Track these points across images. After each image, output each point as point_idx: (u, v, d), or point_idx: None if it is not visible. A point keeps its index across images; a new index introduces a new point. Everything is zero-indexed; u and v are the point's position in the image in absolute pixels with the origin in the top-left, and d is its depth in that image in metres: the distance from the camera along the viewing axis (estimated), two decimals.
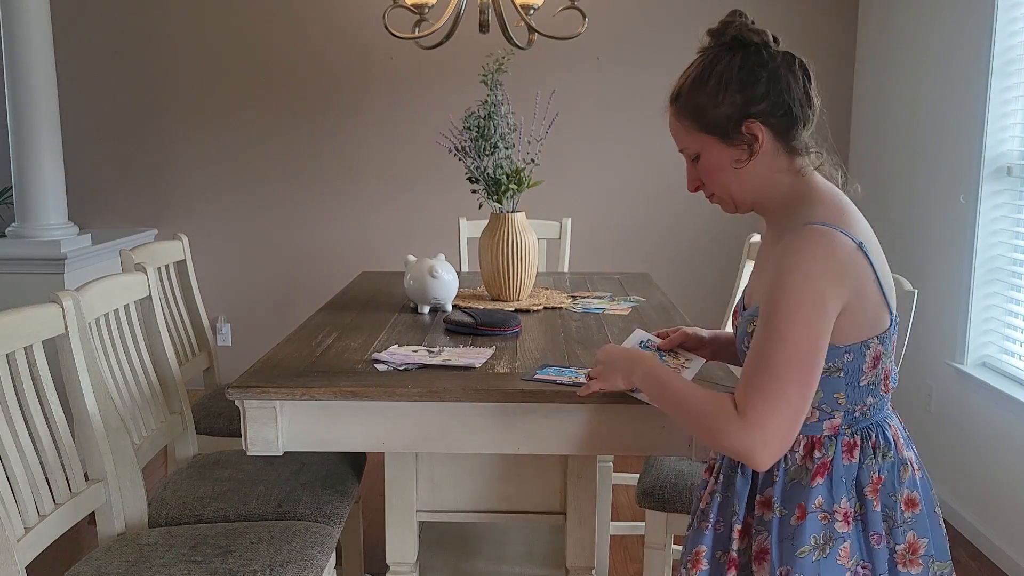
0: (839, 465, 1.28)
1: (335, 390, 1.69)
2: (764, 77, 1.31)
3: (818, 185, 1.35)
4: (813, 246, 1.23)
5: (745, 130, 1.31)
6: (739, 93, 1.31)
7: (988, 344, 3.06)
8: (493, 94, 2.44)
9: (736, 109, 1.31)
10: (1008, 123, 2.96)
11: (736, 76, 1.32)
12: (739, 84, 1.31)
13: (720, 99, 1.32)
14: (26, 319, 1.64)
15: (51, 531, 1.65)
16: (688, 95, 1.36)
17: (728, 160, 1.34)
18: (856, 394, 1.29)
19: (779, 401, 1.20)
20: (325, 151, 4.31)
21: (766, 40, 1.34)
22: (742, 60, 1.33)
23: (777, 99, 1.31)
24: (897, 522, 1.29)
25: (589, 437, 1.71)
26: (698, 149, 1.37)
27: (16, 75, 3.44)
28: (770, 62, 1.32)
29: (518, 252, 2.52)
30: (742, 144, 1.32)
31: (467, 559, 2.47)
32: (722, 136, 1.33)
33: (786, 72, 1.32)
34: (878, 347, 1.28)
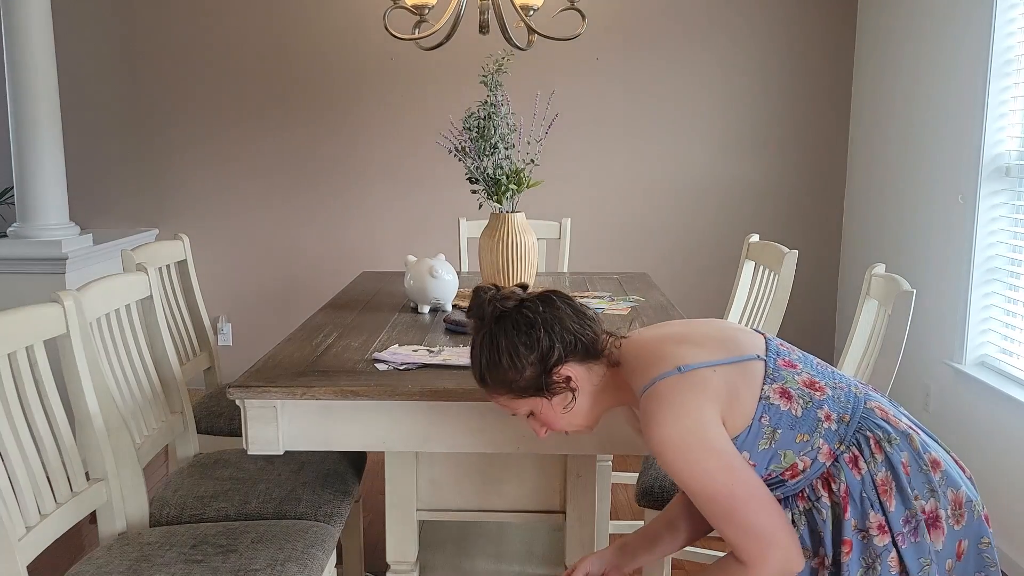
0: (854, 484, 1.33)
1: (335, 390, 1.70)
2: (540, 327, 1.39)
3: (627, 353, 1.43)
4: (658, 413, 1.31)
5: (556, 378, 1.40)
6: (532, 353, 1.39)
7: (986, 344, 3.07)
8: (493, 94, 2.44)
9: (537, 368, 1.39)
10: (1006, 123, 2.96)
11: (519, 343, 1.39)
12: (526, 348, 1.39)
13: (520, 368, 1.39)
14: (27, 319, 1.65)
15: (52, 530, 1.65)
16: (490, 377, 1.43)
17: (558, 406, 1.43)
18: (807, 423, 1.34)
19: (758, 530, 1.29)
20: (325, 151, 4.32)
21: (520, 297, 1.44)
22: (514, 327, 1.40)
23: (564, 337, 1.40)
24: (938, 491, 1.32)
25: (589, 437, 1.72)
26: (527, 409, 1.45)
27: (17, 75, 3.45)
28: (535, 315, 1.40)
29: (518, 252, 2.52)
30: (561, 389, 1.41)
31: (467, 559, 2.48)
32: (540, 393, 1.41)
33: (552, 313, 1.41)
34: (773, 387, 1.35)
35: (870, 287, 2.12)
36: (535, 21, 2.85)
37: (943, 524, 1.33)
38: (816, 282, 4.26)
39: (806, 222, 4.24)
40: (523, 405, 1.44)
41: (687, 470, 1.30)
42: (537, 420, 1.46)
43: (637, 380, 1.38)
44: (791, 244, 3.98)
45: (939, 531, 1.33)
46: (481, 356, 1.43)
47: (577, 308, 1.44)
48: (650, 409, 1.32)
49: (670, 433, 1.29)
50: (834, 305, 4.31)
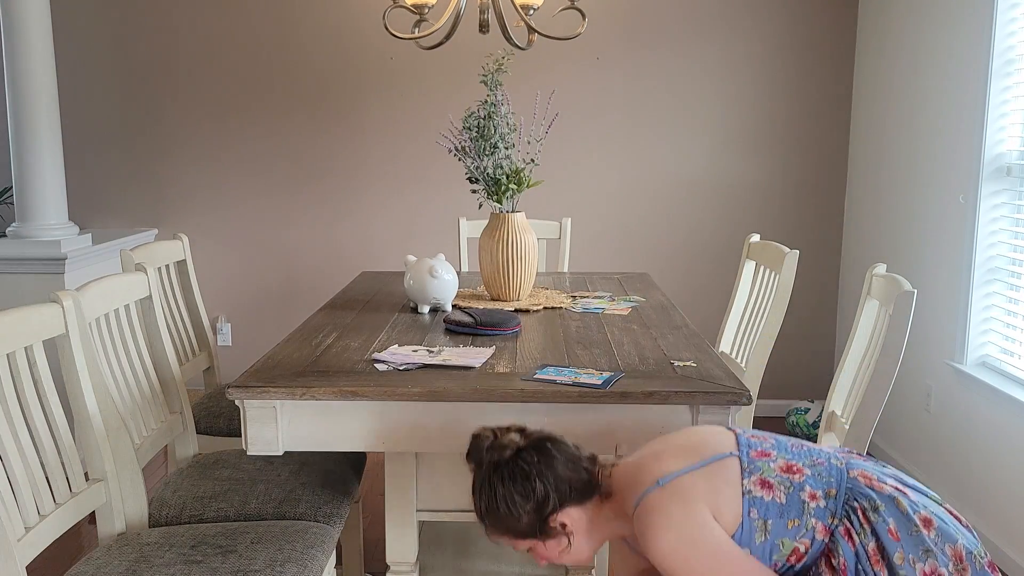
0: (850, 557, 1.36)
1: (335, 390, 1.69)
2: (535, 478, 1.43)
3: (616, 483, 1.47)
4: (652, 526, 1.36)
5: (552, 524, 1.44)
6: (528, 503, 1.43)
7: (987, 344, 3.07)
8: (493, 94, 2.44)
9: (535, 516, 1.43)
10: (1007, 123, 2.96)
11: (516, 493, 1.43)
12: (522, 498, 1.43)
13: (517, 515, 1.43)
14: (26, 319, 1.64)
15: (51, 531, 1.65)
16: (489, 521, 1.48)
17: (557, 547, 1.47)
18: (794, 508, 1.37)
19: None
20: (325, 151, 4.31)
21: (517, 445, 1.46)
22: (511, 477, 1.44)
23: (558, 486, 1.43)
24: (934, 550, 1.34)
25: (589, 437, 1.72)
26: (526, 548, 1.50)
27: (16, 75, 3.44)
28: (530, 464, 1.44)
29: (518, 252, 2.52)
30: (558, 535, 1.45)
31: (467, 559, 2.48)
32: (538, 536, 1.46)
33: (546, 460, 1.44)
34: (752, 479, 1.38)
35: (871, 287, 2.12)
36: (535, 20, 2.85)
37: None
38: (817, 282, 4.26)
39: (807, 222, 4.24)
40: (522, 544, 1.49)
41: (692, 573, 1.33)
42: (540, 554, 1.50)
43: (627, 504, 1.43)
44: (792, 244, 3.97)
45: None
46: (480, 502, 1.48)
47: (571, 453, 1.47)
48: (644, 525, 1.37)
49: (669, 543, 1.34)
50: (835, 305, 4.31)
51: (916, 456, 3.41)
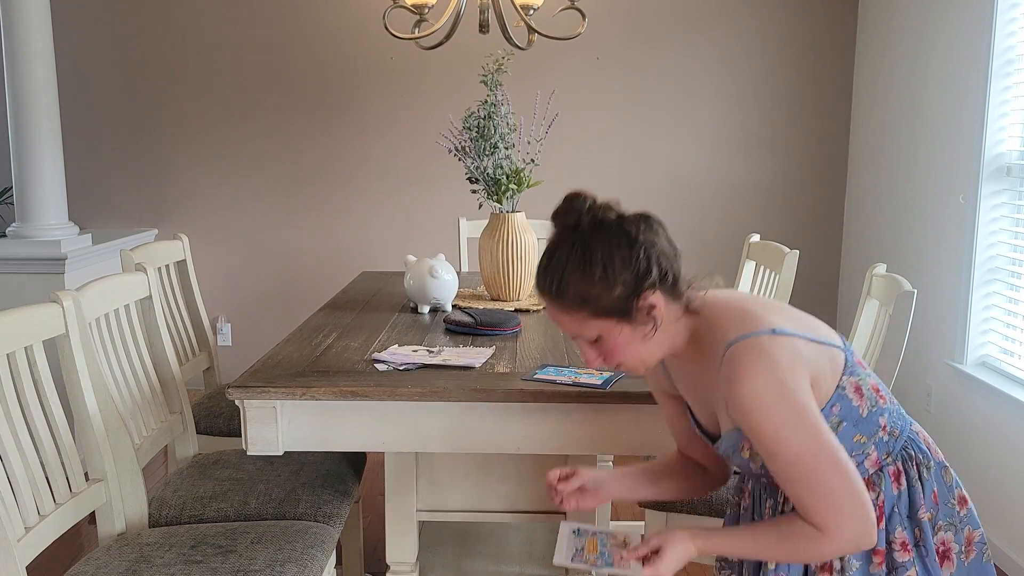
0: (891, 497, 1.33)
1: (335, 390, 1.69)
2: (641, 248, 1.30)
3: (707, 306, 1.37)
4: (751, 365, 1.25)
5: (642, 304, 1.30)
6: (627, 271, 1.29)
7: (987, 344, 3.07)
8: (493, 94, 2.44)
9: (629, 288, 1.29)
10: (1007, 123, 2.96)
11: (617, 256, 1.29)
12: (623, 263, 1.29)
13: (611, 284, 1.29)
14: (26, 319, 1.64)
15: (51, 531, 1.65)
16: (572, 290, 1.30)
17: (632, 335, 1.33)
18: (868, 426, 1.33)
19: (840, 500, 1.24)
20: (325, 151, 4.31)
21: (620, 211, 1.35)
22: (616, 239, 1.31)
23: (660, 264, 1.31)
24: (958, 525, 1.35)
25: (589, 437, 1.72)
26: (596, 333, 1.33)
27: (16, 75, 3.44)
28: (636, 232, 1.31)
29: (518, 252, 2.52)
30: (643, 318, 1.31)
31: (467, 559, 2.48)
32: (621, 317, 1.31)
33: (651, 235, 1.33)
34: (850, 380, 1.32)
35: (871, 287, 2.12)
36: (535, 20, 2.85)
37: (954, 557, 1.35)
38: (817, 282, 4.26)
39: (807, 222, 4.24)
40: (595, 328, 1.32)
41: (773, 427, 1.23)
42: (600, 348, 1.35)
43: (719, 333, 1.32)
44: (792, 244, 3.96)
45: (950, 563, 1.35)
46: (568, 264, 1.30)
47: (671, 239, 1.36)
48: (742, 362, 1.25)
49: (764, 386, 1.23)
50: (835, 305, 4.31)
51: None
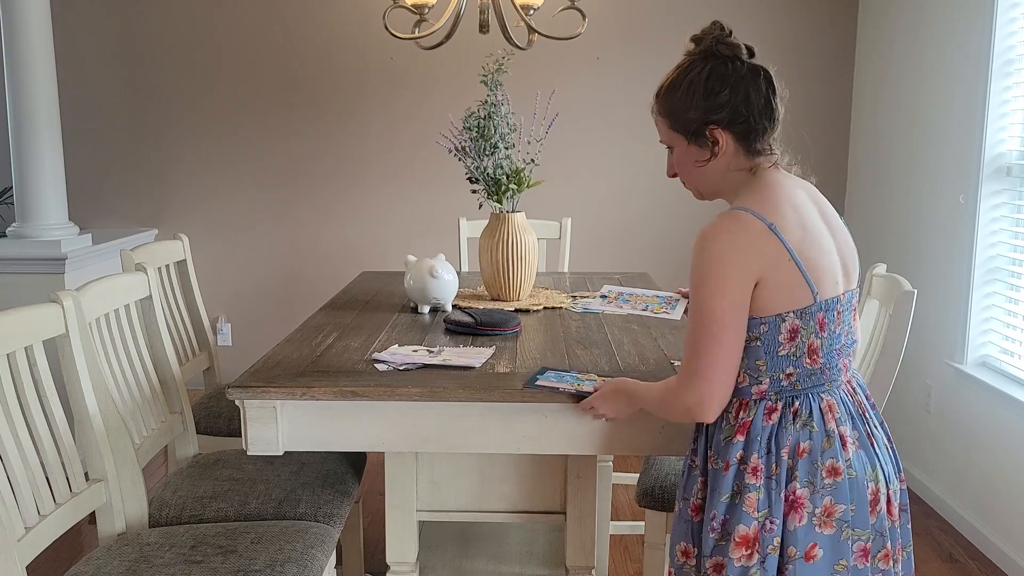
0: (757, 425, 1.44)
1: (335, 390, 1.69)
2: (727, 89, 1.45)
3: (763, 179, 1.48)
4: (721, 228, 1.40)
5: (708, 134, 1.47)
6: (704, 101, 1.46)
7: (987, 344, 3.07)
8: (493, 94, 2.44)
9: (700, 115, 1.47)
10: (1007, 123, 2.96)
11: (703, 86, 1.47)
12: (704, 93, 1.46)
13: (688, 104, 1.48)
14: (26, 319, 1.64)
15: (51, 531, 1.65)
16: (664, 96, 1.53)
17: (692, 157, 1.51)
18: (776, 363, 1.42)
19: (708, 360, 1.40)
20: (325, 151, 4.31)
21: (737, 54, 1.48)
22: (710, 71, 1.47)
23: (737, 109, 1.45)
24: (818, 487, 1.40)
25: (589, 437, 1.72)
26: (671, 143, 1.54)
27: (16, 75, 3.44)
28: (734, 75, 1.46)
29: (518, 252, 2.52)
30: (705, 145, 1.48)
31: (467, 559, 2.48)
32: (688, 137, 1.50)
33: (748, 84, 1.46)
34: (795, 321, 1.40)
35: (871, 287, 2.12)
36: (535, 20, 2.85)
37: (804, 514, 1.40)
38: None
39: None
40: (670, 138, 1.53)
41: (698, 279, 1.40)
42: (674, 158, 1.55)
43: (739, 200, 1.46)
44: None
45: (797, 515, 1.40)
46: (672, 75, 1.53)
47: (773, 102, 1.48)
48: (719, 222, 1.41)
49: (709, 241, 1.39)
50: None
51: (916, 456, 3.41)
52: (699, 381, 1.41)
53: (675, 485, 2.08)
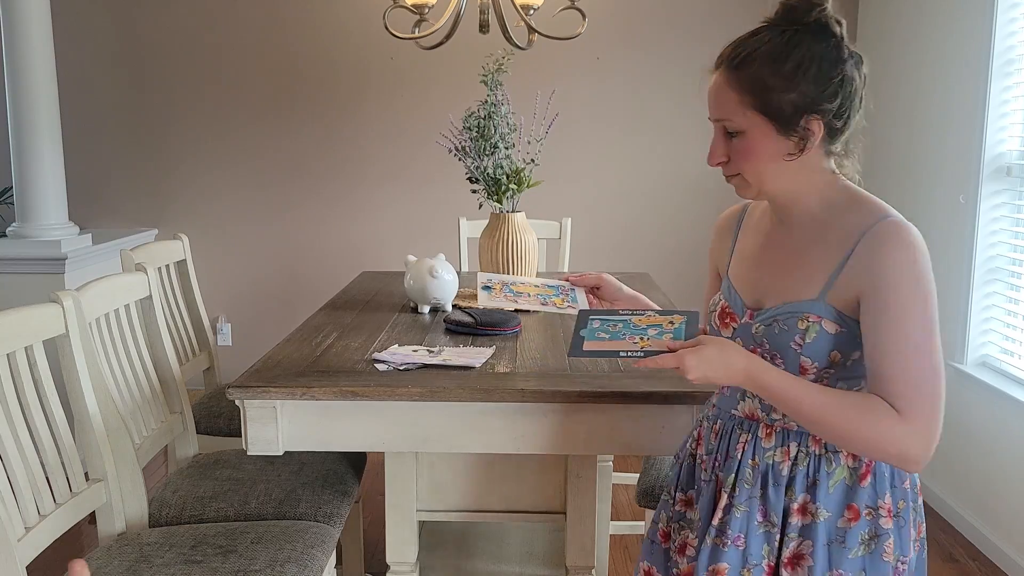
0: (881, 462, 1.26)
1: (335, 390, 1.69)
2: (840, 75, 1.22)
3: (850, 186, 1.30)
4: (904, 240, 1.19)
5: (804, 124, 1.22)
6: (814, 85, 1.21)
7: (988, 344, 3.06)
8: (493, 94, 2.44)
9: (806, 101, 1.21)
10: (1008, 123, 2.96)
11: (815, 66, 1.21)
12: (816, 75, 1.21)
13: (793, 85, 1.21)
14: (26, 319, 1.64)
15: (51, 531, 1.65)
16: (756, 68, 1.23)
17: (775, 149, 1.24)
18: None
19: (937, 400, 1.19)
20: (325, 151, 4.31)
21: (844, 34, 1.24)
22: (824, 51, 1.22)
23: (844, 101, 1.23)
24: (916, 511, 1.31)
25: (589, 437, 1.72)
26: (743, 127, 1.25)
27: (16, 75, 3.44)
28: (848, 60, 1.23)
29: (518, 252, 2.52)
30: (795, 137, 1.23)
31: (467, 559, 2.48)
32: (779, 123, 1.23)
33: (856, 73, 1.24)
34: None
35: None
36: (535, 20, 2.85)
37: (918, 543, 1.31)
38: None
39: None
40: (746, 120, 1.24)
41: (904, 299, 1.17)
42: (733, 146, 1.27)
43: (868, 207, 1.24)
44: None
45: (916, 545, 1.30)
46: (765, 46, 1.24)
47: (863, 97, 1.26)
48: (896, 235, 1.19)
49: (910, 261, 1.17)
50: None
51: None
52: (928, 426, 1.17)
53: None
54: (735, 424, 1.36)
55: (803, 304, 1.25)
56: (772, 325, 1.28)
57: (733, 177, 1.31)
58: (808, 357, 1.24)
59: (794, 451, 1.28)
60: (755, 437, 1.32)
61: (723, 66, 1.29)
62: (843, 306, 1.23)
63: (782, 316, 1.27)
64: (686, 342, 1.24)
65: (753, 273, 1.37)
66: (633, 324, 1.34)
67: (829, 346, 1.23)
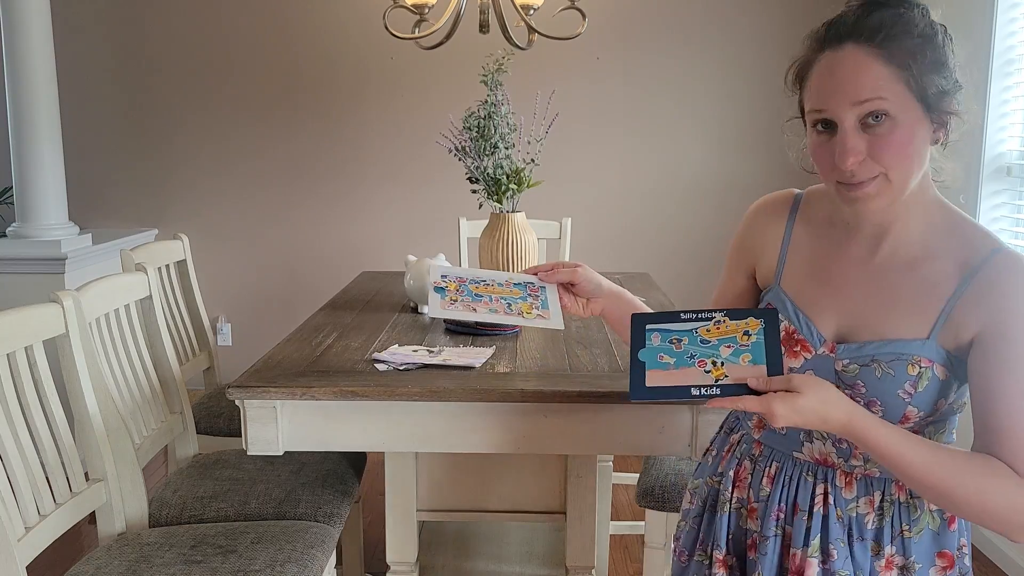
0: None
1: (335, 390, 1.69)
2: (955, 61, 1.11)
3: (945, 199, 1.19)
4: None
5: (953, 106, 1.09)
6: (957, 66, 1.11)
7: None
8: (493, 94, 2.44)
9: (953, 81, 1.09)
10: (1007, 123, 2.96)
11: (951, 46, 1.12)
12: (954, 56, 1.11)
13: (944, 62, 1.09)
14: (26, 319, 1.64)
15: (51, 531, 1.65)
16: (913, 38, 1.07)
17: (924, 140, 1.08)
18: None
19: None
20: (325, 151, 4.31)
21: None
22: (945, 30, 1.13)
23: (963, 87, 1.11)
24: None
25: (589, 437, 1.72)
26: (895, 110, 1.05)
27: (16, 75, 3.44)
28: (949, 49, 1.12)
29: (518, 252, 2.52)
30: (936, 123, 1.09)
31: (467, 559, 2.48)
32: (927, 106, 1.07)
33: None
34: None
35: None
36: (535, 20, 2.85)
37: None
38: None
39: None
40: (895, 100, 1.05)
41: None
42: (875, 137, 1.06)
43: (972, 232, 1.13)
44: None
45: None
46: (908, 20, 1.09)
47: None
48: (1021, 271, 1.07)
49: None
50: None
51: None
52: None
53: (675, 485, 2.08)
54: (803, 470, 1.19)
55: (912, 345, 1.10)
56: (871, 366, 1.11)
57: (865, 183, 1.08)
58: (916, 407, 1.10)
59: (878, 500, 1.15)
60: (834, 487, 1.16)
61: (854, 40, 1.07)
62: (954, 348, 1.09)
63: (885, 358, 1.10)
64: (774, 380, 1.05)
65: (823, 293, 1.19)
66: (701, 338, 1.13)
67: (938, 394, 1.10)
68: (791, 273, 1.23)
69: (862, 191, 1.08)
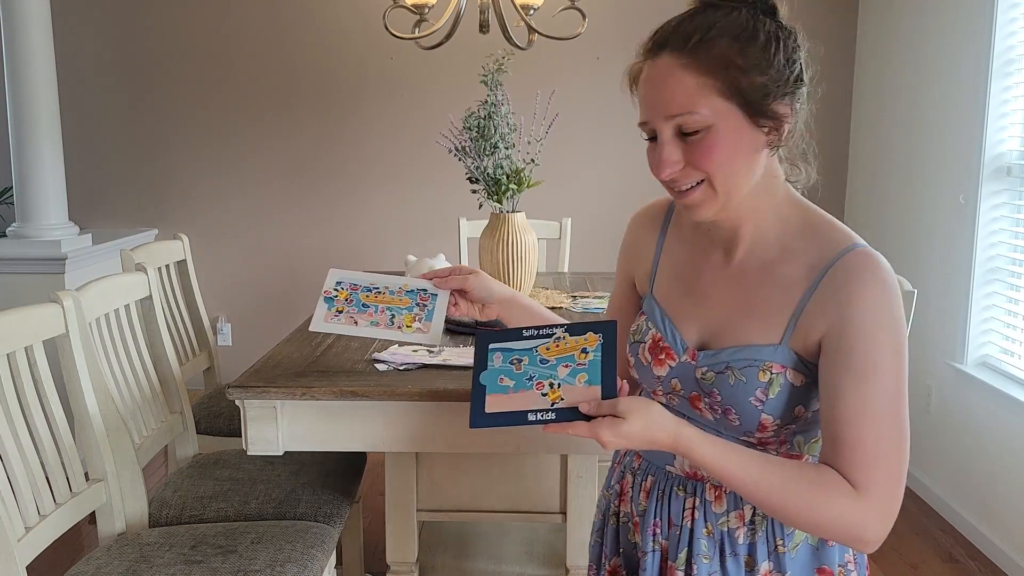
0: None
1: (335, 390, 1.69)
2: (800, 57, 1.06)
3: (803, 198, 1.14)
4: (876, 278, 1.02)
5: (779, 107, 1.04)
6: (785, 64, 1.04)
7: (988, 344, 3.06)
8: (493, 94, 2.44)
9: (778, 81, 1.03)
10: (1008, 123, 2.96)
11: (784, 45, 1.04)
12: (785, 53, 1.04)
13: (765, 64, 1.02)
14: (26, 319, 1.64)
15: (52, 531, 1.65)
16: (721, 46, 1.02)
17: (749, 144, 1.04)
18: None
19: (902, 469, 1.02)
20: (325, 151, 4.31)
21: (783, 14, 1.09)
22: (785, 32, 1.06)
23: (807, 85, 1.07)
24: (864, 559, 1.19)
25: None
26: (710, 119, 1.02)
27: (16, 75, 3.44)
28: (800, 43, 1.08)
29: (518, 252, 2.52)
30: (766, 127, 1.04)
31: (467, 559, 2.48)
32: (749, 110, 1.02)
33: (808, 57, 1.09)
34: None
35: None
36: (535, 20, 2.85)
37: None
38: None
39: None
40: (711, 108, 1.02)
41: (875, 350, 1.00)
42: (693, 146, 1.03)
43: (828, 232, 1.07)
44: None
45: None
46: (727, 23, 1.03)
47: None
48: (870, 270, 1.02)
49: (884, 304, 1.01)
50: None
51: (917, 456, 3.41)
52: (887, 501, 1.00)
53: None
54: (674, 484, 1.16)
55: (763, 350, 1.07)
56: (725, 374, 1.08)
57: (691, 190, 1.06)
58: (770, 414, 1.07)
59: (749, 514, 1.11)
60: (703, 501, 1.13)
61: (668, 50, 1.06)
62: (804, 351, 1.06)
63: (738, 364, 1.08)
64: (603, 405, 1.01)
65: (688, 300, 1.17)
66: (540, 357, 1.08)
67: (793, 400, 1.06)
68: (662, 281, 1.22)
69: (688, 198, 1.07)
